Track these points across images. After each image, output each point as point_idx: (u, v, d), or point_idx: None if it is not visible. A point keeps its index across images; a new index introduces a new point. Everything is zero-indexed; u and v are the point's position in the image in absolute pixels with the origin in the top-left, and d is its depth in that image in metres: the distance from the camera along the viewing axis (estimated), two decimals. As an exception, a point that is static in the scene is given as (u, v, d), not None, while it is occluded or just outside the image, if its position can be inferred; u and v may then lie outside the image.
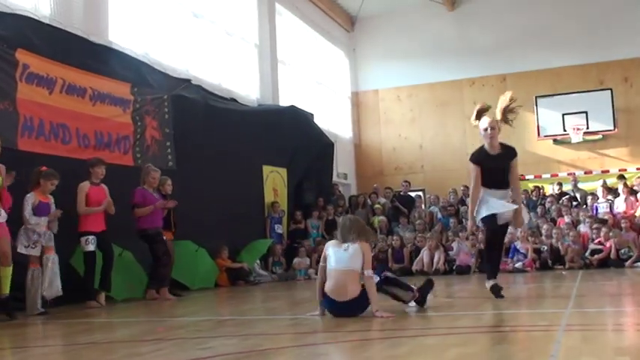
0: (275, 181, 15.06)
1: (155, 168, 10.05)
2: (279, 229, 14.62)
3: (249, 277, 12.56)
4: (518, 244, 13.17)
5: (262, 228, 14.32)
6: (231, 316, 7.32)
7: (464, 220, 15.04)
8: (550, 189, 16.78)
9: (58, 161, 8.75)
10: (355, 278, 6.03)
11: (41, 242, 8.07)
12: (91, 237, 8.77)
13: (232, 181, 13.01)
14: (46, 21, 9.63)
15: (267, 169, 14.77)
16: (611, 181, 16.15)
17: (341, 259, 6.04)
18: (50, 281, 8.12)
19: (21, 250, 7.93)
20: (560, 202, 15.32)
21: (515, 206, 7.31)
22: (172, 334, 5.72)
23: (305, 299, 8.55)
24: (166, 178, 10.32)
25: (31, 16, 9.36)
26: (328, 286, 6.05)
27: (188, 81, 12.61)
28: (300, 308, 7.68)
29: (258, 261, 13.37)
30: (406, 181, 17.33)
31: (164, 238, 9.85)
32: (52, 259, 8.16)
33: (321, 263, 6.31)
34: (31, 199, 8.01)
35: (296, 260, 14.06)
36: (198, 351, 4.48)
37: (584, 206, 15.10)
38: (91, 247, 8.78)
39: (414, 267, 13.62)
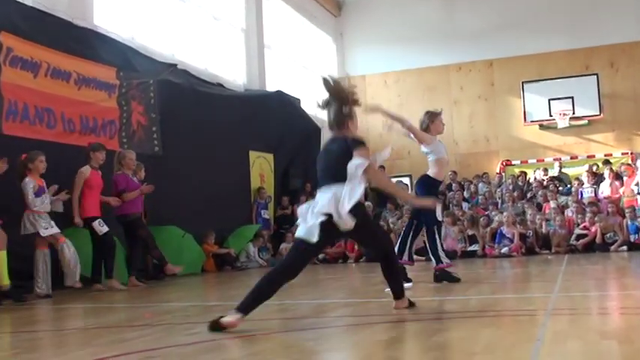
0: (262, 167, 15.04)
1: (129, 150, 10.02)
2: (266, 214, 14.62)
3: (236, 263, 12.56)
4: (505, 229, 13.22)
5: (249, 213, 14.31)
6: (219, 301, 7.31)
7: (451, 206, 15.11)
8: (532, 175, 16.89)
9: (43, 146, 8.68)
10: None
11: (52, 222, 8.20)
12: (101, 219, 8.87)
13: (219, 167, 12.98)
14: (31, 4, 9.52)
15: (253, 155, 14.74)
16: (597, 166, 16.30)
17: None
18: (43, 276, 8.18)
19: (44, 233, 8.10)
20: (547, 186, 15.42)
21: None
22: (159, 319, 5.71)
23: (291, 284, 8.55)
24: (140, 165, 10.26)
25: (16, -2, 9.26)
26: None
27: (174, 66, 12.53)
28: (287, 294, 7.68)
29: (254, 248, 13.36)
30: (381, 167, 17.30)
31: (144, 223, 9.82)
32: (68, 247, 8.24)
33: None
34: (31, 184, 8.05)
35: (283, 246, 14.06)
36: (186, 336, 4.47)
37: (564, 188, 15.31)
38: (106, 228, 8.86)
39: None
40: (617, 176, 14.82)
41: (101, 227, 8.85)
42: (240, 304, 4.57)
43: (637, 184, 14.11)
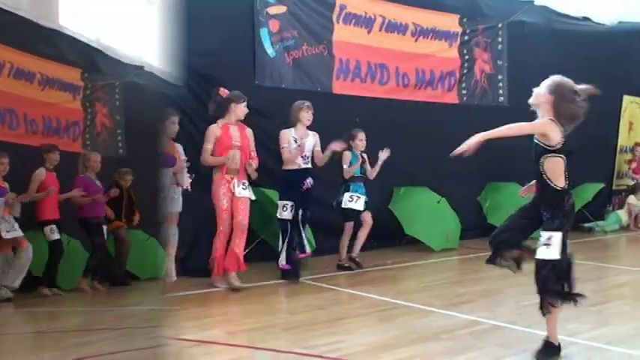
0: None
1: (94, 152, 9.87)
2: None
3: (200, 267, 12.47)
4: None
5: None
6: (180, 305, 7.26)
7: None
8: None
9: (4, 147, 8.53)
10: None
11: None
12: (53, 225, 8.65)
13: (185, 170, 12.87)
14: (-7, 3, 9.39)
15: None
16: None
17: None
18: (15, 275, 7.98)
19: (6, 235, 7.84)
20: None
21: None
22: (122, 323, 5.67)
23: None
24: (126, 171, 10.15)
25: (-22, -3, 9.12)
26: None
27: (141, 68, 12.43)
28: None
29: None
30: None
31: (103, 229, 9.44)
32: (27, 252, 8.03)
33: None
34: None
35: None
36: (147, 340, 4.45)
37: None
38: (57, 235, 8.65)
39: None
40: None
41: (51, 234, 8.67)
42: None
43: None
